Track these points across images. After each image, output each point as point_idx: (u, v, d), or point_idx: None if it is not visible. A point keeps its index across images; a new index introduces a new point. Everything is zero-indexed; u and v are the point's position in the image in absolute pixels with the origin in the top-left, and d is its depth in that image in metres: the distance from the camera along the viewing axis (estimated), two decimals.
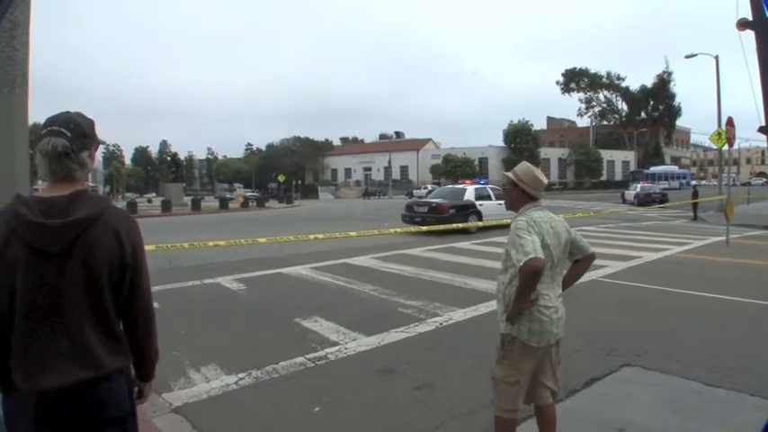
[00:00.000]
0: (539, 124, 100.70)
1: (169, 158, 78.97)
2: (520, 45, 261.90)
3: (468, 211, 21.18)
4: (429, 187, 58.26)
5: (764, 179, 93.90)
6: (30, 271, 2.04)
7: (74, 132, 2.14)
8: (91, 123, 2.26)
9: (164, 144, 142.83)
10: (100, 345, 2.15)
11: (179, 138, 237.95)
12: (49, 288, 2.07)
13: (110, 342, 2.19)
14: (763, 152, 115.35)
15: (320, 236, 11.18)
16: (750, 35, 2.32)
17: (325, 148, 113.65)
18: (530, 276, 3.24)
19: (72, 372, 2.08)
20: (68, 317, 2.10)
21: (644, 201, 42.66)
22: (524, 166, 3.71)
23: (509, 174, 3.70)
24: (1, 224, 2.06)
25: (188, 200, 50.20)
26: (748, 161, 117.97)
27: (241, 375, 5.78)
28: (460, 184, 28.44)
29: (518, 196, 3.64)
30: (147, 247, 2.45)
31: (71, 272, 2.08)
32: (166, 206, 43.02)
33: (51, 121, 2.17)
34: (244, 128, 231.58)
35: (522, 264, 3.22)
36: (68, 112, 2.20)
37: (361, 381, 5.72)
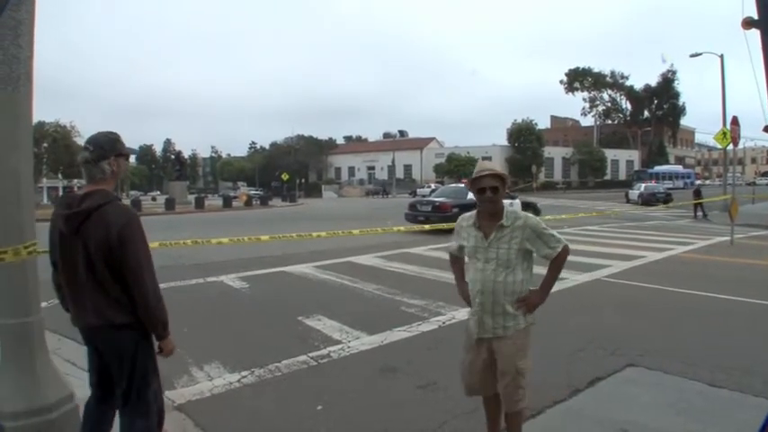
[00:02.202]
0: (543, 123, 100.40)
1: (173, 157, 79.31)
2: (523, 44, 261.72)
3: (471, 210, 21.11)
4: (432, 186, 58.19)
5: None
6: (60, 245, 3.04)
7: (94, 146, 3.03)
8: (109, 139, 3.11)
9: (167, 142, 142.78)
10: (103, 303, 3.00)
11: (183, 136, 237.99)
12: (68, 258, 3.02)
13: (110, 301, 3.00)
14: (767, 152, 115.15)
15: (323, 233, 11.18)
16: (756, 34, 2.31)
17: (328, 146, 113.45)
18: (566, 258, 3.67)
19: (87, 318, 3.06)
20: (81, 280, 3.00)
21: (648, 200, 42.62)
22: (497, 165, 3.80)
23: (503, 174, 3.71)
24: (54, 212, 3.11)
25: (192, 198, 50.31)
26: (753, 161, 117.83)
27: (244, 373, 5.79)
28: (463, 183, 28.42)
29: (503, 196, 3.77)
30: (151, 245, 3.17)
31: (78, 248, 2.96)
32: (170, 204, 43.16)
33: (86, 140, 3.15)
34: (247, 126, 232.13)
35: (561, 249, 3.61)
36: (98, 133, 3.12)
37: (364, 379, 5.73)
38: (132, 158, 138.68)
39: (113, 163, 3.08)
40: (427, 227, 17.38)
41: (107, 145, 3.08)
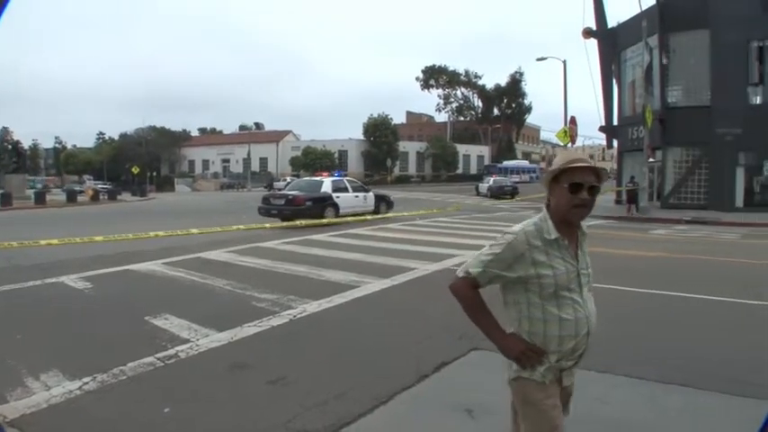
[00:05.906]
0: (398, 119, 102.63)
1: (10, 147, 73.27)
2: (381, 40, 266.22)
3: (325, 203, 21.24)
4: (288, 179, 57.87)
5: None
6: None
7: None
8: None
9: (4, 131, 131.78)
10: None
11: (22, 125, 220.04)
12: None
13: None
14: (603, 149, 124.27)
15: (161, 233, 10.73)
16: (594, 43, 2.52)
17: (182, 138, 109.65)
18: None
19: None
20: None
21: (497, 193, 44.81)
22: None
23: (602, 171, 2.62)
24: None
25: (32, 193, 46.92)
26: (591, 157, 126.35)
27: (85, 380, 5.47)
28: (317, 176, 28.54)
29: None
30: None
31: None
32: (6, 199, 39.79)
33: None
34: (95, 116, 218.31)
35: None
36: None
37: (214, 377, 5.62)
38: None
39: None
40: (268, 225, 17.27)
41: None
